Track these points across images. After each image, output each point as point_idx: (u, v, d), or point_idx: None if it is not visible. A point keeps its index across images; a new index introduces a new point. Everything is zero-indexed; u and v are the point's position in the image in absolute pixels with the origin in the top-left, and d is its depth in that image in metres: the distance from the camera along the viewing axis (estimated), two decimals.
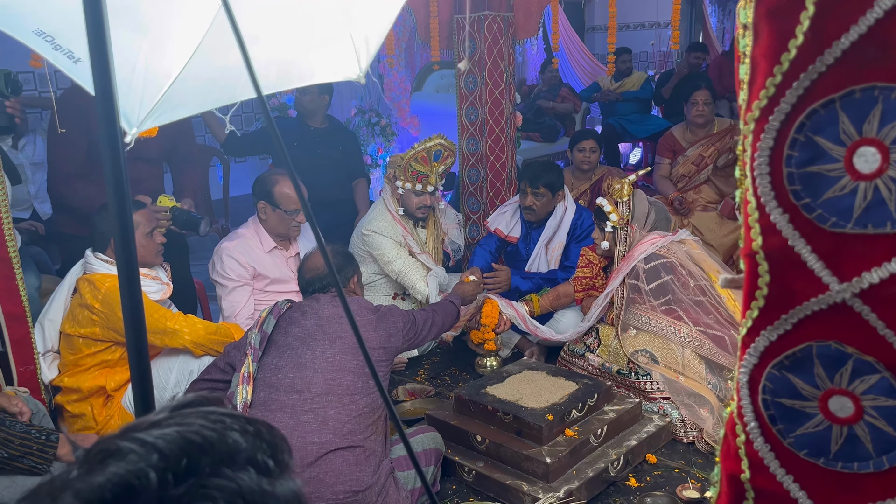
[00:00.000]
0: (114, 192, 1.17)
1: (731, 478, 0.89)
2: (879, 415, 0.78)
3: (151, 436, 0.53)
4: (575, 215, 3.65)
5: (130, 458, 0.51)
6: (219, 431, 0.55)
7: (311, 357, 2.18)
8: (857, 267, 0.75)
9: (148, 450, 0.51)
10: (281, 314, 2.33)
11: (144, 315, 1.18)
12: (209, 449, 0.53)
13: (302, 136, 4.08)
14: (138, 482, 0.49)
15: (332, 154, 4.15)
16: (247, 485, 0.52)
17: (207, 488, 0.51)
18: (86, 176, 3.13)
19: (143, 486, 0.49)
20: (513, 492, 2.36)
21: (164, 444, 0.52)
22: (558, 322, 3.44)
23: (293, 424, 2.06)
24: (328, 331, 2.23)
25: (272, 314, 2.32)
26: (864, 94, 0.73)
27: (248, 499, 0.52)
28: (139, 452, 0.51)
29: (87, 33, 1.15)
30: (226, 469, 0.52)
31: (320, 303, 2.33)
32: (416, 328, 2.47)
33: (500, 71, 4.03)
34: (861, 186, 0.74)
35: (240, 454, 0.54)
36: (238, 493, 0.52)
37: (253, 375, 2.18)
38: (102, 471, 0.50)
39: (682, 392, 2.78)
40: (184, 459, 0.52)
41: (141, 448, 0.51)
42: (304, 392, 2.12)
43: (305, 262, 2.50)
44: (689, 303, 2.93)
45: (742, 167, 0.82)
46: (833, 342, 0.78)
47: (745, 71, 0.81)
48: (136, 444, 0.52)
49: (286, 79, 1.66)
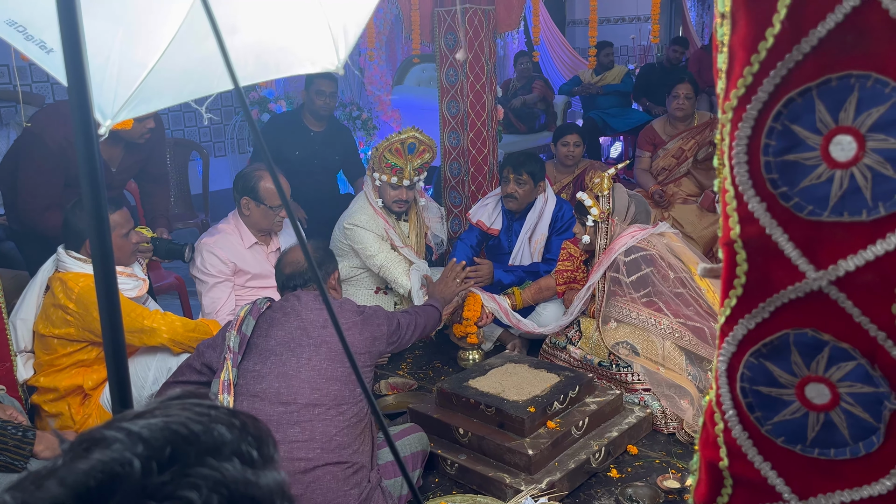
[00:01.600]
0: (89, 187, 1.15)
1: (709, 465, 0.90)
2: (855, 401, 0.78)
3: (137, 425, 0.53)
4: (555, 207, 3.66)
5: (115, 447, 0.51)
6: (204, 423, 0.55)
7: (296, 365, 2.07)
8: (834, 255, 0.75)
9: (133, 439, 0.52)
10: (261, 314, 2.22)
11: (121, 313, 1.16)
12: (194, 440, 0.54)
13: (302, 142, 4.11)
14: (122, 469, 0.50)
15: (329, 159, 4.22)
16: (231, 475, 0.53)
17: (191, 477, 0.51)
18: (60, 205, 2.86)
19: (126, 474, 0.50)
20: (495, 484, 2.36)
21: (148, 434, 0.52)
22: (540, 315, 3.45)
23: (280, 439, 1.94)
24: (312, 335, 2.13)
25: (251, 314, 2.21)
26: (840, 83, 0.73)
27: (233, 488, 0.52)
28: (124, 441, 0.52)
29: (59, 23, 1.13)
30: (210, 459, 0.53)
31: (301, 301, 2.22)
32: (399, 332, 2.42)
33: (481, 64, 4.02)
34: (837, 174, 0.74)
35: (225, 446, 0.55)
36: (222, 482, 0.52)
37: (233, 382, 2.07)
38: (87, 458, 0.51)
39: (662, 383, 2.80)
40: (168, 449, 0.52)
41: (126, 437, 0.52)
42: (290, 404, 2.01)
43: (284, 256, 2.40)
44: (670, 295, 2.95)
45: (720, 156, 0.83)
46: (810, 330, 0.78)
47: (722, 60, 0.81)
48: (121, 433, 0.52)
49: (263, 69, 1.64)
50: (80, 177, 1.15)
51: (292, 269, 2.34)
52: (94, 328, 2.44)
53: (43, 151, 2.78)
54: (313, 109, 4.09)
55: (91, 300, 2.40)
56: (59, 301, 2.45)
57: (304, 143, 4.12)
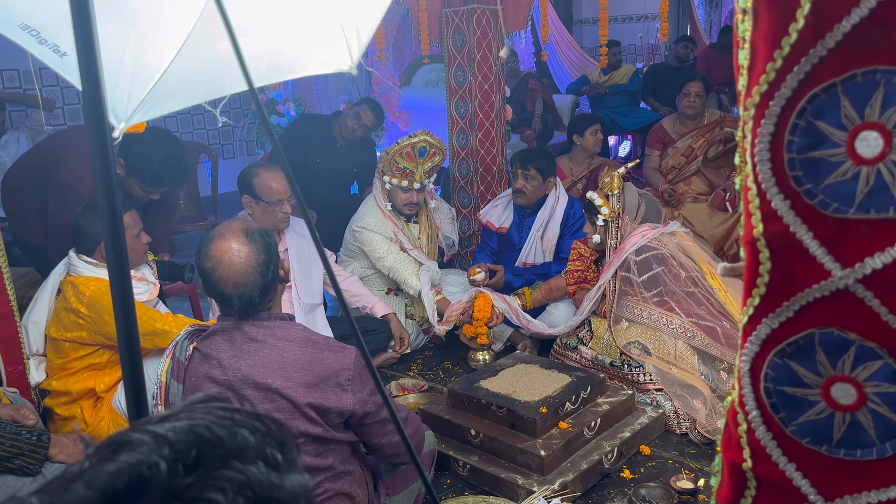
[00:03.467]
0: (103, 191, 1.15)
1: (732, 467, 0.89)
2: (882, 401, 0.77)
3: (163, 428, 0.54)
4: (567, 205, 3.65)
5: (141, 450, 0.52)
6: (228, 427, 0.56)
7: None
8: (860, 252, 0.74)
9: (159, 442, 0.52)
10: (185, 370, 1.74)
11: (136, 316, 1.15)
12: (219, 443, 0.54)
13: (327, 151, 4.19)
14: (148, 472, 0.50)
15: (349, 169, 4.31)
16: (256, 477, 0.53)
17: (217, 480, 0.52)
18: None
19: (153, 476, 0.50)
20: (507, 485, 2.36)
21: (174, 437, 0.53)
22: (551, 315, 3.44)
23: None
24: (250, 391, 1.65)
25: (174, 376, 1.75)
26: (865, 78, 0.72)
27: (258, 491, 0.53)
28: (150, 444, 0.52)
29: (73, 27, 1.12)
30: (236, 462, 0.53)
31: (234, 344, 1.68)
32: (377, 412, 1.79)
33: (489, 64, 4.01)
34: (863, 171, 0.73)
35: (249, 449, 0.55)
36: (247, 485, 0.52)
37: None
38: (113, 461, 0.51)
39: (674, 383, 2.78)
40: (193, 451, 0.52)
41: (152, 440, 0.53)
42: None
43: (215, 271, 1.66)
44: (681, 294, 2.94)
45: (742, 153, 0.82)
46: (835, 329, 0.77)
47: (744, 56, 0.80)
48: (147, 435, 0.53)
49: (277, 71, 1.64)
50: (95, 180, 1.15)
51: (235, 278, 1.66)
52: (106, 332, 2.44)
53: (79, 200, 2.75)
54: (346, 128, 4.15)
55: (102, 304, 2.41)
56: (70, 305, 2.46)
57: (330, 152, 4.20)
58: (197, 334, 1.78)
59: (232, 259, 1.64)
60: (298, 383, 1.65)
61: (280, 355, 1.67)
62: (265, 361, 1.66)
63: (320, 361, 1.69)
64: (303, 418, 1.66)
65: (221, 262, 1.65)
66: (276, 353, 1.67)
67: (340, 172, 4.31)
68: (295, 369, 1.66)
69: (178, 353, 1.76)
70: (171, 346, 1.81)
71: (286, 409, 1.65)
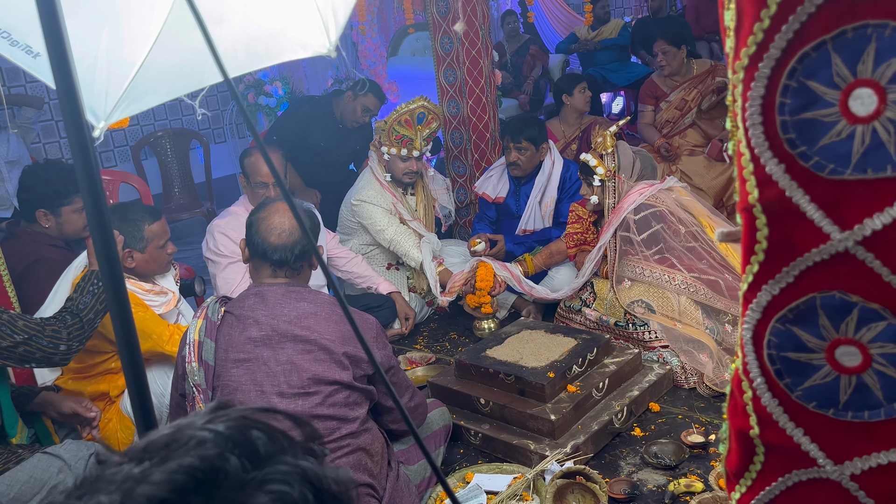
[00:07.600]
0: (88, 192, 1.13)
1: (740, 434, 0.88)
2: (888, 362, 0.76)
3: (219, 426, 0.54)
4: (563, 169, 3.61)
5: (208, 446, 0.52)
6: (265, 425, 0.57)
7: (266, 372, 1.82)
8: (859, 214, 0.72)
9: (222, 438, 0.53)
10: (218, 330, 1.88)
11: (134, 322, 1.14)
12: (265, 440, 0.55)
13: (329, 133, 4.17)
14: (222, 465, 0.51)
15: (349, 148, 4.30)
16: (311, 469, 0.54)
17: (278, 473, 0.53)
18: None
19: (226, 469, 0.51)
20: (520, 451, 2.37)
21: (231, 434, 0.54)
22: (553, 279, 3.44)
23: None
24: (278, 340, 1.82)
25: (207, 335, 1.87)
26: (856, 34, 0.69)
27: (316, 483, 0.54)
28: (215, 440, 0.53)
29: (41, 25, 1.09)
30: (287, 457, 0.54)
31: (268, 304, 1.85)
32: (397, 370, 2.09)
33: (475, 30, 3.94)
34: (858, 130, 0.71)
35: (294, 444, 0.57)
36: (305, 477, 0.53)
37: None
38: (181, 457, 0.51)
39: (680, 339, 2.79)
40: (251, 447, 0.53)
41: (215, 437, 0.53)
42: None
43: (267, 220, 1.89)
44: (682, 250, 2.93)
45: (733, 118, 0.79)
46: (837, 292, 0.76)
47: (730, 17, 0.77)
48: (207, 433, 0.53)
49: (255, 58, 1.61)
50: (79, 183, 1.13)
51: (281, 241, 1.89)
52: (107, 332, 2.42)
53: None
54: (350, 117, 4.10)
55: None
56: None
57: (332, 133, 4.17)
58: (226, 300, 1.97)
59: (283, 217, 1.88)
60: (334, 336, 1.84)
61: (314, 313, 1.86)
62: (301, 316, 1.85)
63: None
64: (338, 367, 1.83)
65: (274, 214, 1.89)
66: (310, 310, 1.86)
67: (343, 152, 4.29)
68: (328, 325, 1.85)
69: (210, 313, 1.92)
70: (201, 309, 1.95)
71: (323, 359, 1.83)
